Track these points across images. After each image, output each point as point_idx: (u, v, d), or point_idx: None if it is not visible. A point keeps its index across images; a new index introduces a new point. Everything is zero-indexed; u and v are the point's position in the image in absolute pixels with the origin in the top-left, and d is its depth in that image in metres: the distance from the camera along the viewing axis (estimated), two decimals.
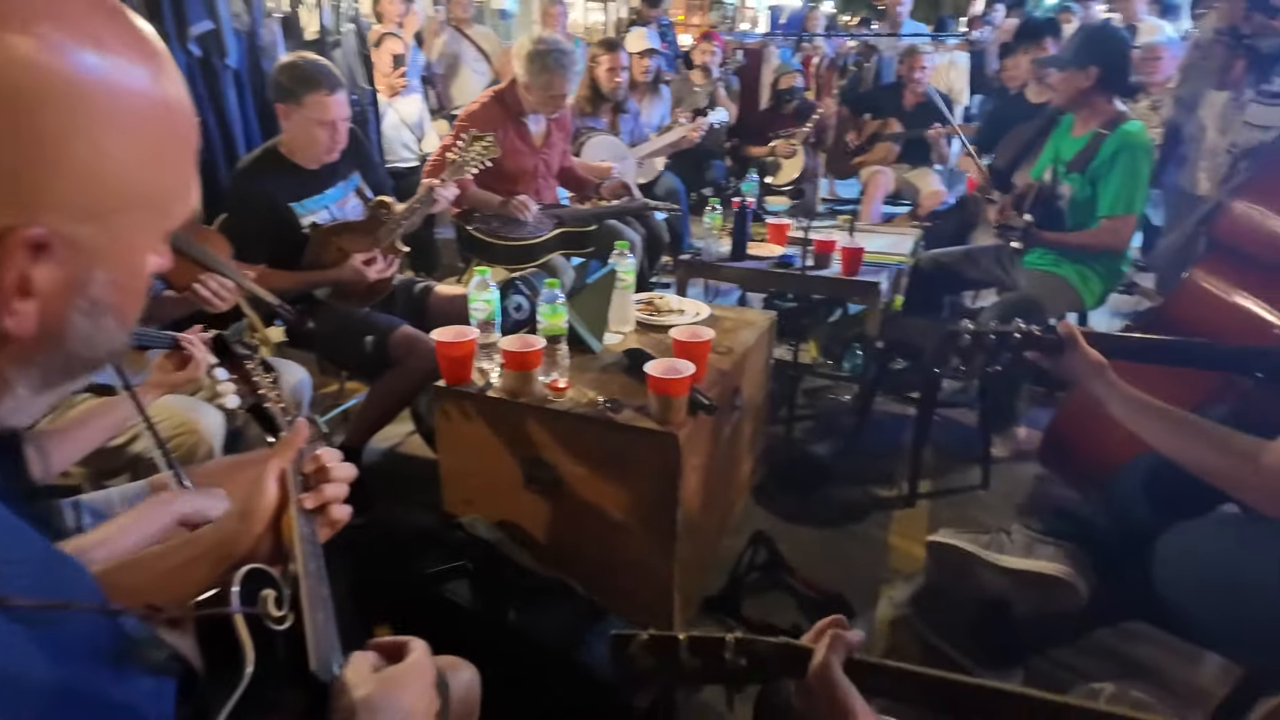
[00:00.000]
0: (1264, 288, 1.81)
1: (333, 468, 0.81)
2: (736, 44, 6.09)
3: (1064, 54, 2.49)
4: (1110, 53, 2.42)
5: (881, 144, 4.51)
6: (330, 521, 0.81)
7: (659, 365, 1.58)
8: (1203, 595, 1.22)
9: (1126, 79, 2.50)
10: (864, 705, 0.74)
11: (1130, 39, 4.30)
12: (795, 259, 2.73)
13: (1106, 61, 2.40)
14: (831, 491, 2.39)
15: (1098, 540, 1.40)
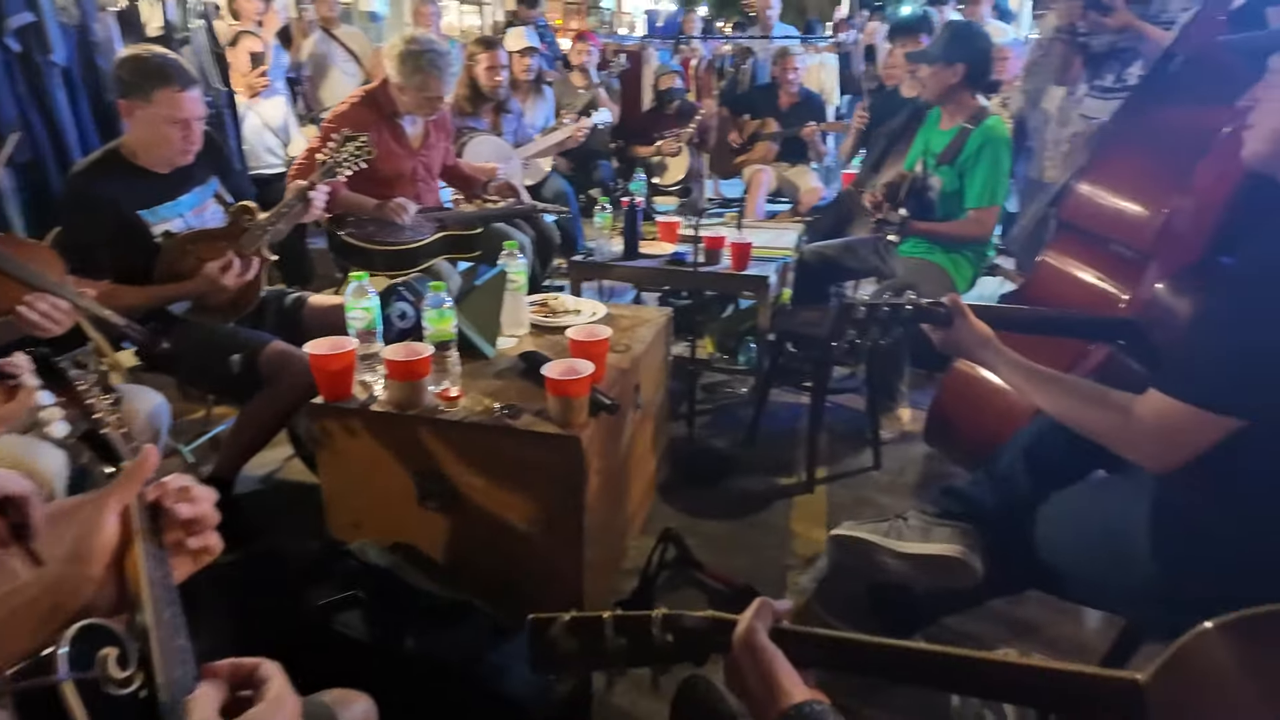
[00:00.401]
0: (1109, 263, 1.95)
1: (191, 491, 0.70)
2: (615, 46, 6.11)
3: (933, 50, 2.61)
4: (976, 51, 2.56)
5: (761, 143, 4.63)
6: (193, 555, 0.70)
7: (557, 367, 1.52)
8: (1082, 556, 1.28)
9: (989, 76, 2.66)
10: (790, 670, 0.72)
11: None
12: (687, 256, 2.74)
13: (972, 59, 2.54)
14: (735, 484, 2.41)
15: (987, 517, 1.45)
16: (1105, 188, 1.94)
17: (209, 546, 0.70)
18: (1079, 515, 1.32)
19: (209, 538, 0.70)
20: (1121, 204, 1.89)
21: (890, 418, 2.71)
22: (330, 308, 2.15)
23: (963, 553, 1.42)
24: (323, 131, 2.53)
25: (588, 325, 1.80)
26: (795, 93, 4.49)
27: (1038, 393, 1.25)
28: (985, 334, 1.31)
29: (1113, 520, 1.24)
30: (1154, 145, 1.92)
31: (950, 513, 1.49)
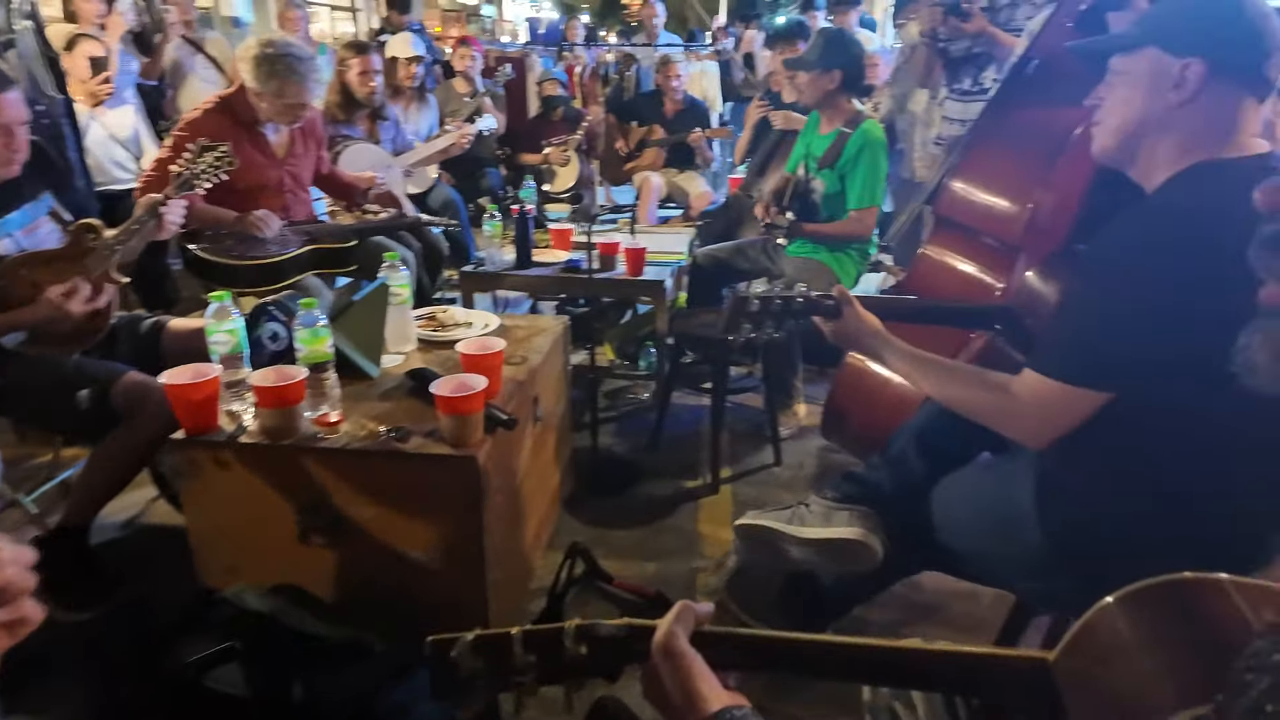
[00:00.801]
0: (983, 254, 2.06)
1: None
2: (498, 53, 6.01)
3: (809, 57, 2.67)
4: (851, 57, 2.65)
5: (649, 150, 4.65)
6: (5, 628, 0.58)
7: (448, 384, 1.44)
8: (973, 535, 1.33)
9: (864, 81, 2.76)
10: (709, 675, 0.69)
11: None
12: (581, 263, 2.69)
13: (847, 65, 2.63)
14: (641, 490, 2.38)
15: (884, 500, 1.48)
16: (975, 184, 2.04)
17: (25, 618, 0.59)
18: (969, 496, 1.36)
19: (21, 607, 0.59)
20: (991, 199, 1.99)
21: (787, 414, 2.76)
22: (192, 332, 1.96)
23: (863, 535, 1.44)
24: (174, 141, 2.32)
25: (480, 338, 1.72)
26: (680, 100, 4.55)
27: (922, 378, 1.28)
28: (872, 324, 1.34)
29: (1000, 498, 1.29)
30: (1016, 144, 2.03)
31: (850, 497, 1.51)
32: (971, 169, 2.06)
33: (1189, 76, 1.05)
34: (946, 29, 2.51)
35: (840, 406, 2.23)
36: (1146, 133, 1.11)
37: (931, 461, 1.46)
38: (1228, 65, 1.04)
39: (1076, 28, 2.02)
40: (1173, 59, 1.06)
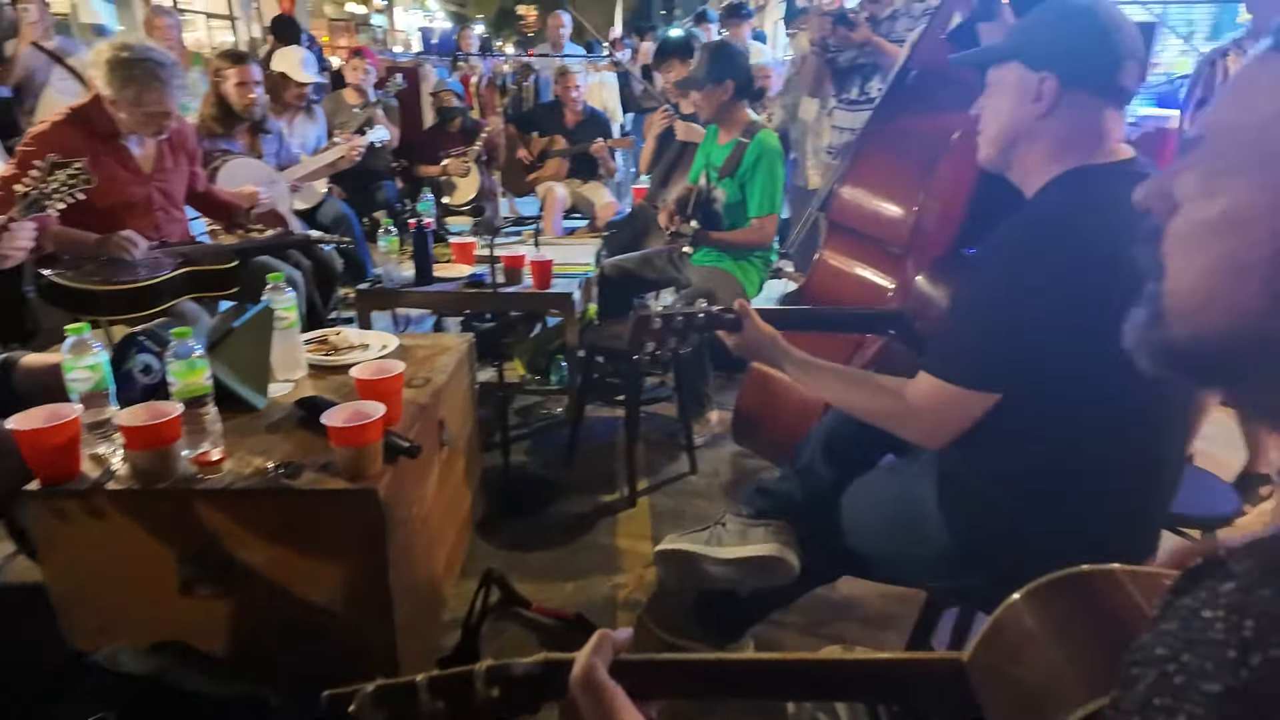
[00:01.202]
0: (875, 258, 2.13)
1: None
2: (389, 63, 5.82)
3: (698, 74, 2.70)
4: (738, 66, 2.69)
5: (552, 160, 4.61)
6: None
7: (341, 413, 1.34)
8: (882, 538, 1.35)
9: (754, 86, 2.81)
10: (631, 708, 0.65)
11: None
12: (485, 277, 2.62)
13: (736, 74, 2.67)
14: (557, 509, 2.33)
15: (796, 511, 1.50)
16: (863, 191, 2.10)
17: None
18: (875, 499, 1.39)
19: None
20: (878, 204, 2.06)
21: (701, 421, 2.77)
22: (48, 368, 1.77)
23: (779, 549, 1.45)
24: (19, 157, 2.10)
25: (376, 361, 1.63)
26: (580, 110, 4.53)
27: (821, 386, 1.30)
28: (771, 335, 1.35)
29: (905, 500, 1.31)
30: (900, 151, 2.11)
31: (764, 511, 1.52)
32: (859, 176, 2.12)
33: (1045, 90, 1.10)
34: (835, 39, 2.59)
35: (749, 413, 2.25)
36: (1018, 142, 1.16)
37: (839, 468, 1.48)
38: (1080, 78, 1.10)
39: (950, 39, 2.12)
40: (1032, 73, 1.11)
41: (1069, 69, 1.09)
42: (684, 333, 1.37)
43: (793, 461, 1.57)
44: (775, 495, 1.53)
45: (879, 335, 1.94)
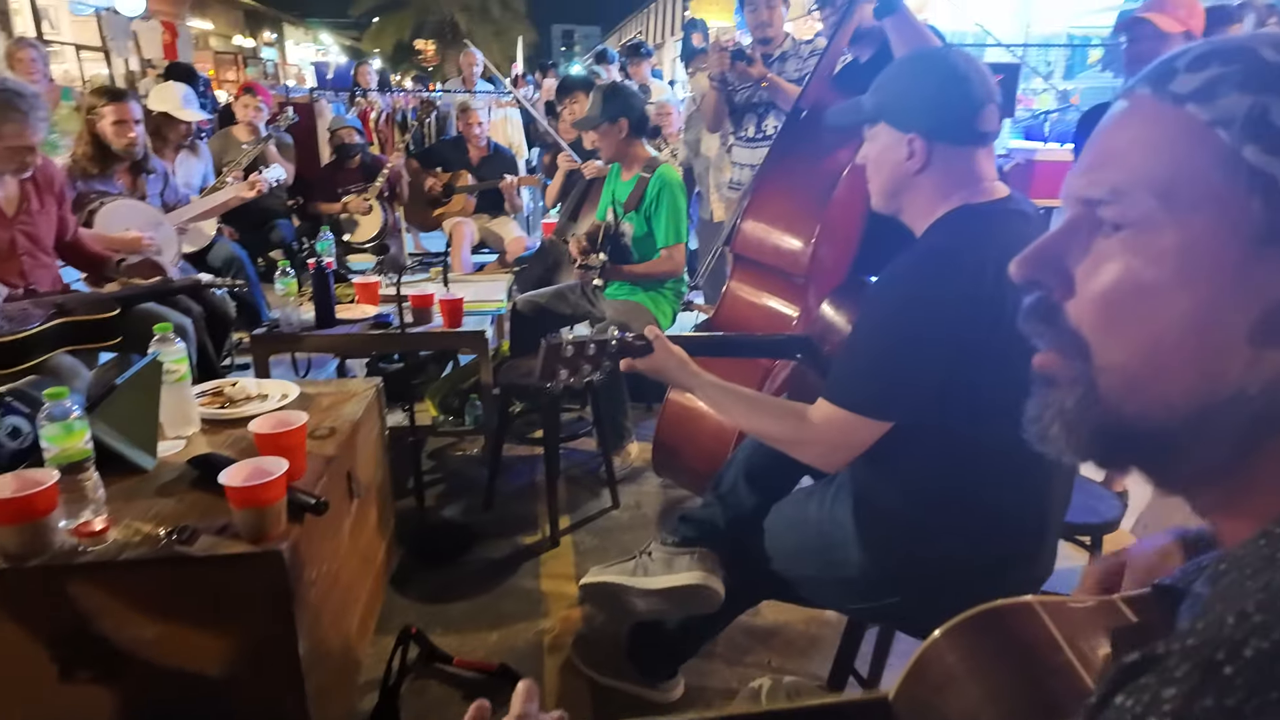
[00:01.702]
0: (778, 287, 2.20)
1: None
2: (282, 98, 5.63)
3: (592, 114, 2.75)
4: (631, 105, 2.76)
5: (458, 196, 4.55)
6: None
7: (240, 471, 1.26)
8: (802, 561, 1.38)
9: (650, 123, 2.89)
10: None
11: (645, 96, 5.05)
12: (391, 318, 2.54)
13: (630, 112, 2.73)
14: (476, 554, 2.25)
15: (720, 537, 1.51)
16: (763, 224, 2.17)
17: None
18: (795, 522, 1.42)
19: None
20: (779, 237, 2.13)
21: (621, 454, 2.76)
22: None
23: (704, 577, 1.45)
24: None
25: (277, 413, 1.54)
26: (484, 146, 4.51)
27: (730, 409, 1.32)
28: (682, 360, 1.36)
29: (823, 521, 1.34)
30: (795, 185, 2.20)
31: (688, 539, 1.52)
32: (759, 210, 2.19)
33: (915, 149, 1.19)
34: (733, 74, 2.68)
35: (668, 443, 2.26)
36: (900, 191, 1.24)
37: (760, 492, 1.51)
38: (945, 133, 1.18)
39: (835, 82, 2.23)
40: (900, 133, 1.19)
41: (933, 127, 1.18)
42: (596, 359, 1.37)
43: (715, 487, 1.59)
44: (699, 522, 1.54)
45: (787, 359, 2.00)
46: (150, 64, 9.13)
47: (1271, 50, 0.39)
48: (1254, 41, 0.40)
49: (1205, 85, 0.40)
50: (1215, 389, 0.39)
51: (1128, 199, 0.42)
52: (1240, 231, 0.38)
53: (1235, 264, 0.38)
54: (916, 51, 1.24)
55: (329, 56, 21.61)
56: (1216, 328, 0.39)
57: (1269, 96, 0.38)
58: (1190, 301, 0.40)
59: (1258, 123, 0.38)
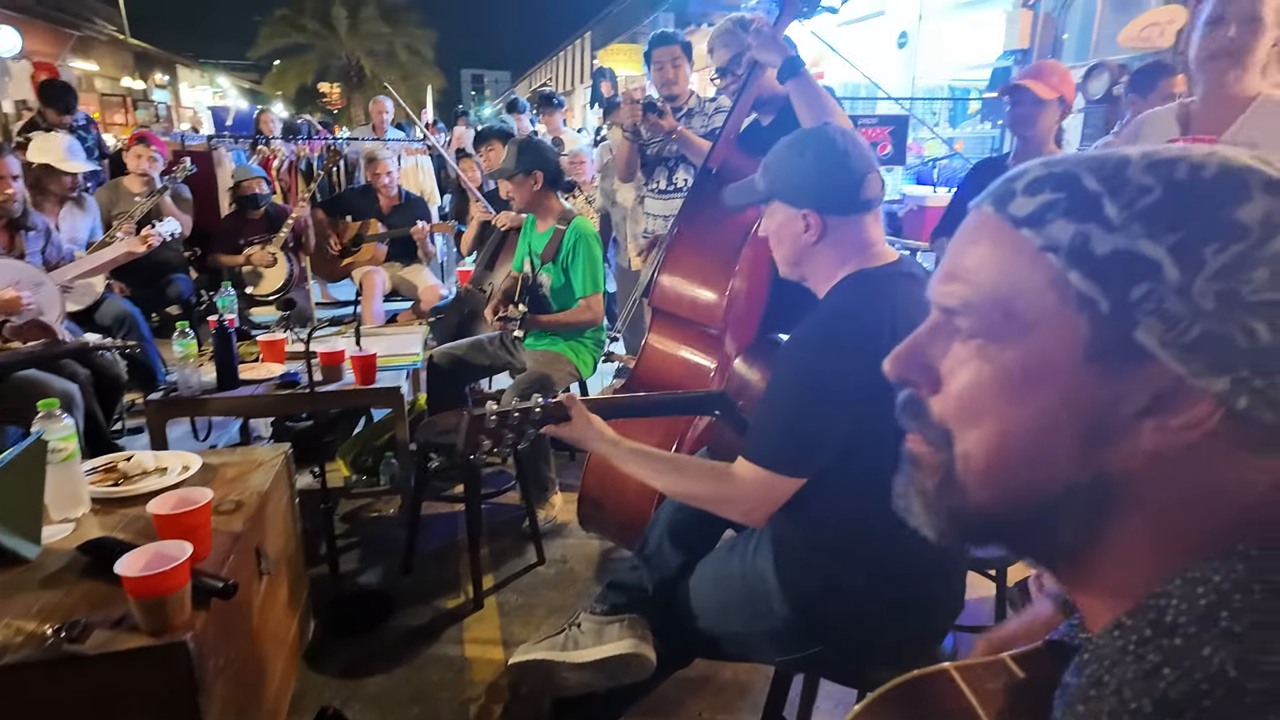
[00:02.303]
0: (697, 340, 2.25)
1: None
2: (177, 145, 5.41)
3: (507, 165, 2.77)
4: (546, 159, 2.79)
5: (368, 244, 4.46)
6: None
7: (138, 558, 1.18)
8: (728, 617, 1.40)
9: (563, 176, 2.93)
10: None
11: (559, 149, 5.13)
12: (299, 376, 2.45)
13: (544, 165, 2.77)
14: (396, 623, 2.16)
15: (648, 601, 1.51)
16: (679, 277, 2.23)
17: None
18: (719, 578, 1.43)
19: None
20: (694, 290, 2.19)
21: (545, 506, 2.73)
22: None
23: (635, 645, 1.45)
24: None
25: (177, 491, 1.45)
26: (394, 194, 4.45)
27: (649, 474, 1.33)
28: (599, 427, 1.36)
29: (747, 575, 1.37)
30: (708, 240, 2.26)
31: (617, 606, 1.52)
32: (674, 265, 2.25)
33: (810, 223, 1.28)
34: (645, 125, 2.75)
35: (593, 496, 2.25)
36: (802, 260, 1.32)
37: (685, 550, 1.52)
38: (834, 206, 1.27)
39: (739, 143, 2.33)
40: (794, 209, 1.28)
41: (822, 202, 1.27)
42: (520, 428, 1.36)
43: (640, 549, 1.59)
44: (627, 588, 1.54)
45: (705, 416, 2.03)
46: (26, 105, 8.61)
47: (1093, 179, 0.42)
48: (1080, 168, 0.44)
49: (1037, 211, 0.43)
50: (1056, 481, 0.43)
51: (977, 312, 0.46)
52: (1072, 348, 0.42)
53: (1070, 376, 0.42)
54: (798, 133, 1.33)
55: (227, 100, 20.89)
56: (1055, 429, 0.43)
57: (1090, 225, 0.41)
58: (1034, 406, 0.43)
59: (1080, 251, 0.41)
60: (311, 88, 25.04)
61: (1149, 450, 0.41)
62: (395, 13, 24.54)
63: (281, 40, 23.13)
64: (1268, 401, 0.38)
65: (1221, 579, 0.39)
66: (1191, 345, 0.39)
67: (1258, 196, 0.39)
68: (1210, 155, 0.41)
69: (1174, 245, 0.39)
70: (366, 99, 5.92)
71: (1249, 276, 0.38)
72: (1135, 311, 0.40)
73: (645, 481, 1.35)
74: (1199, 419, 0.39)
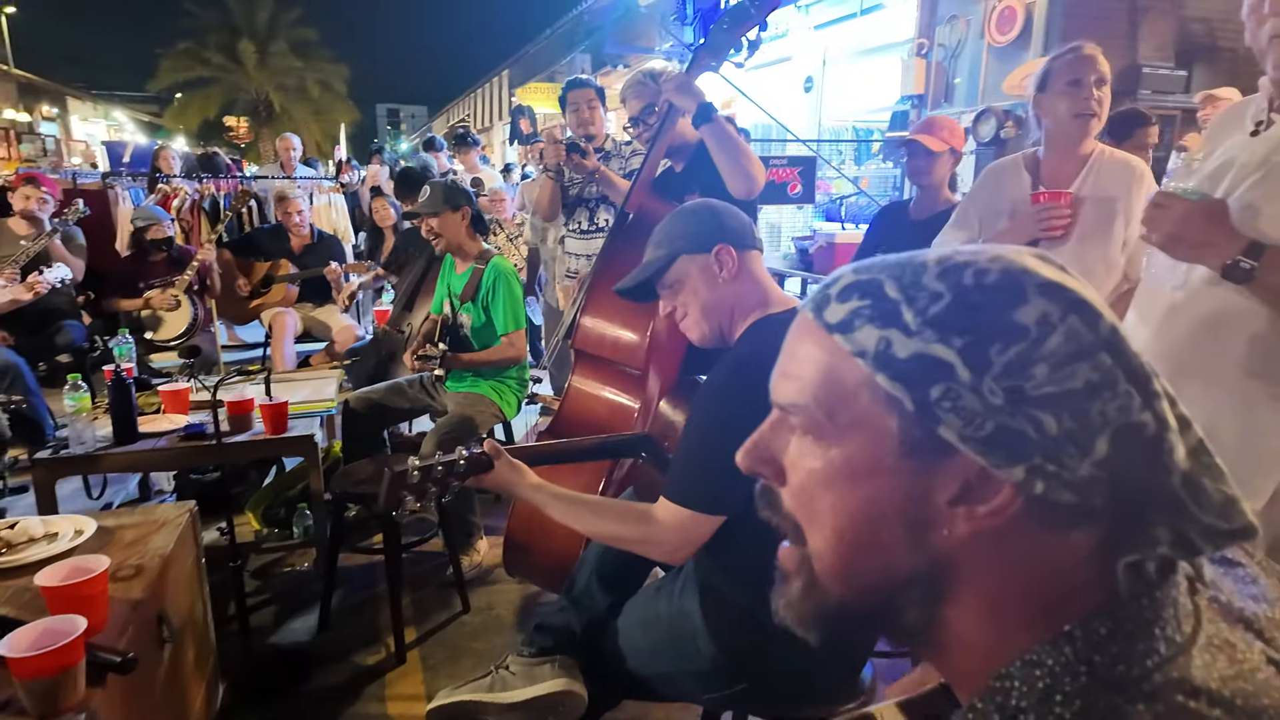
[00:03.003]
0: (620, 381, 2.27)
1: None
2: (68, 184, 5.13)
3: (435, 202, 2.75)
4: (468, 196, 2.81)
5: (278, 285, 4.32)
6: None
7: (25, 636, 1.10)
8: (658, 656, 1.41)
9: (482, 217, 2.95)
10: None
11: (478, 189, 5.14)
12: (205, 427, 2.34)
13: (469, 202, 2.79)
14: (313, 682, 2.07)
15: (577, 643, 1.51)
16: (601, 320, 2.26)
17: None
18: (647, 619, 1.45)
19: None
20: (616, 332, 2.23)
21: (470, 552, 2.68)
22: None
23: (568, 684, 1.44)
24: None
25: (70, 561, 1.35)
26: (306, 234, 4.35)
27: (574, 519, 1.34)
28: (523, 474, 1.37)
29: (674, 615, 1.39)
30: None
31: (545, 649, 1.51)
32: (595, 308, 2.28)
33: (725, 259, 1.34)
34: (568, 165, 2.80)
35: (520, 541, 2.22)
36: (718, 311, 1.36)
37: (613, 592, 1.53)
38: (739, 239, 1.35)
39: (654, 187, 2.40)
40: (705, 254, 1.34)
41: (728, 235, 1.34)
42: (443, 482, 1.34)
43: (568, 590, 1.59)
44: (555, 630, 1.53)
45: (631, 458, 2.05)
46: None
47: (894, 286, 0.46)
48: (884, 274, 0.47)
49: (847, 318, 0.47)
50: (896, 569, 0.47)
51: (804, 411, 0.49)
52: (888, 445, 0.45)
53: (889, 470, 0.46)
54: (675, 210, 1.41)
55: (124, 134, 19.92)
56: (884, 520, 0.46)
57: (891, 330, 0.45)
58: (862, 499, 0.47)
59: (884, 355, 0.45)
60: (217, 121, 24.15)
61: (964, 535, 0.44)
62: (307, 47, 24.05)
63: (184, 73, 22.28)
64: (1063, 484, 0.42)
65: (1054, 662, 0.42)
66: (988, 439, 0.42)
67: (1033, 299, 0.43)
68: (995, 260, 0.45)
69: (963, 348, 0.43)
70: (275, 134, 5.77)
71: (1030, 373, 0.42)
72: (936, 409, 0.43)
73: (570, 526, 1.36)
74: (1002, 505, 0.43)
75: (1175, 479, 0.42)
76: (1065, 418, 0.41)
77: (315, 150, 7.54)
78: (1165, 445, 0.42)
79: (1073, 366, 0.42)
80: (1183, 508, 0.42)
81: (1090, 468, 0.41)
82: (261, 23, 23.38)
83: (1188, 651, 0.41)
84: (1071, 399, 0.41)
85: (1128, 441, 0.42)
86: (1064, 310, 0.43)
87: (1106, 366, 0.42)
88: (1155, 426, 0.42)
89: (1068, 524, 0.43)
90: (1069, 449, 0.41)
